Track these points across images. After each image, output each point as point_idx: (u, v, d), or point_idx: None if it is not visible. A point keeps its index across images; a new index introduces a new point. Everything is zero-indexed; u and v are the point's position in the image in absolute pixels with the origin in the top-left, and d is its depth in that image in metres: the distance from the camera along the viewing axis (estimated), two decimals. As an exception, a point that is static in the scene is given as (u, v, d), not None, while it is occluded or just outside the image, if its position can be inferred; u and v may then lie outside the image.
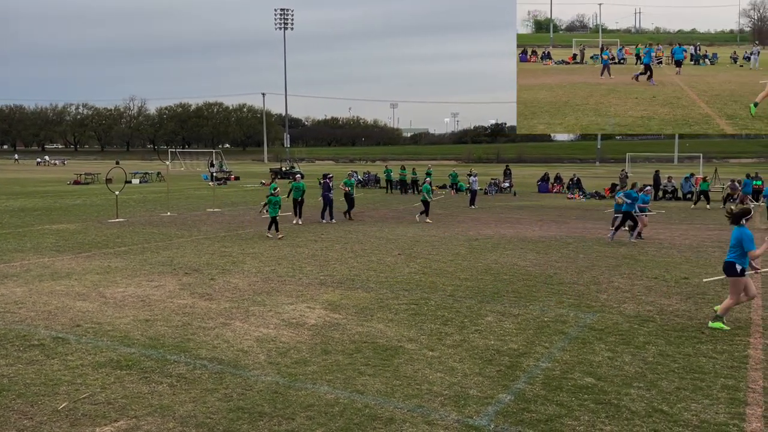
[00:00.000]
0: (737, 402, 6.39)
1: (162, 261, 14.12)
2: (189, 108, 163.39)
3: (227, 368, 7.33)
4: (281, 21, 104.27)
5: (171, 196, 31.54)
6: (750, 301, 9.76)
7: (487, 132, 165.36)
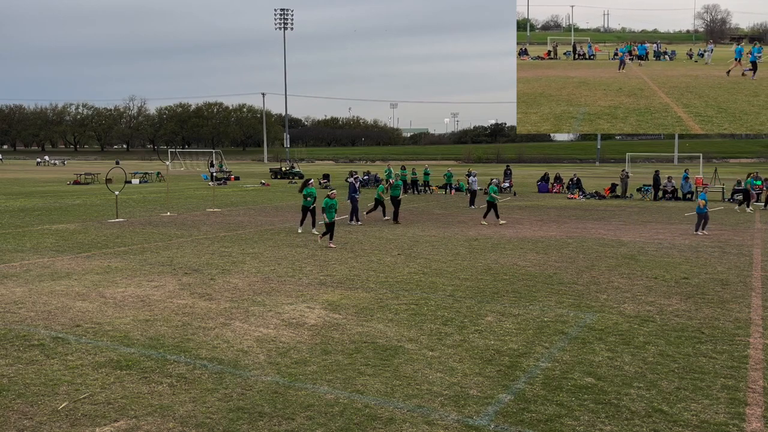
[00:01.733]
0: (737, 402, 6.39)
1: (162, 261, 14.12)
2: (189, 108, 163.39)
3: (227, 368, 7.33)
4: (281, 21, 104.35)
5: (171, 196, 31.54)
6: (750, 301, 9.75)
7: (486, 132, 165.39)
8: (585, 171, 63.28)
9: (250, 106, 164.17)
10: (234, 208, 27.67)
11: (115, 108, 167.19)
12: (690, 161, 79.72)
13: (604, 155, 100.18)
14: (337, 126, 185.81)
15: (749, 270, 13.18)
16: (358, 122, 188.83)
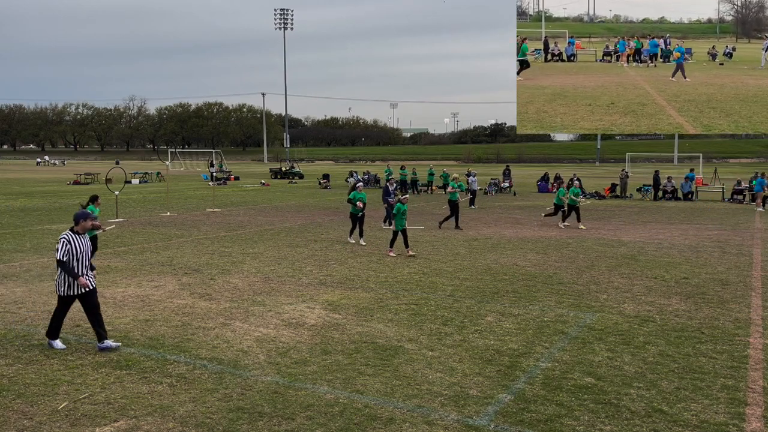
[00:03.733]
0: (737, 402, 6.39)
1: (162, 261, 14.12)
2: (189, 108, 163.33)
3: (227, 368, 7.33)
4: (281, 21, 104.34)
5: (171, 196, 31.54)
6: (750, 301, 9.75)
7: (486, 132, 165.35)
8: (585, 171, 63.26)
9: (250, 106, 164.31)
10: (234, 208, 27.67)
11: (115, 108, 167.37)
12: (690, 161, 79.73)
13: (603, 155, 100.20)
14: (337, 126, 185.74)
15: (749, 270, 13.18)
16: (358, 122, 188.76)
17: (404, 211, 14.78)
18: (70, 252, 7.82)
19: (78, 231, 8.00)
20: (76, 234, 7.96)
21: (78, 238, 7.93)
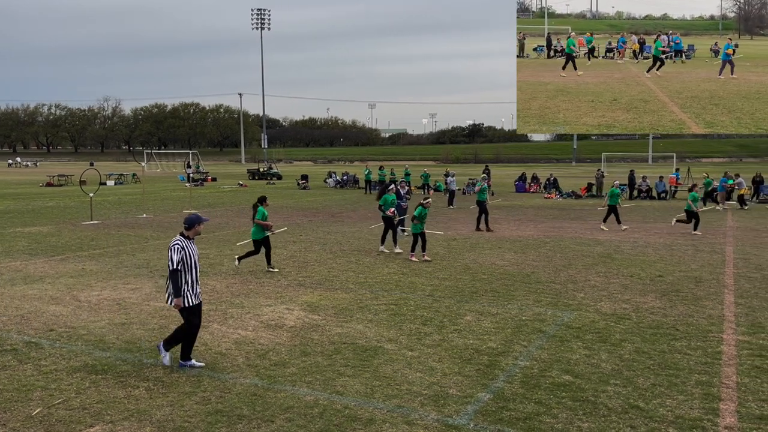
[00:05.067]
0: (711, 397, 6.50)
1: (138, 263, 13.94)
2: (165, 108, 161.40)
3: (205, 371, 7.26)
4: (258, 21, 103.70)
5: (147, 198, 31.16)
6: (723, 298, 9.93)
7: (464, 133, 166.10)
8: (561, 171, 63.91)
9: (227, 106, 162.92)
10: (211, 209, 27.43)
11: (89, 109, 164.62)
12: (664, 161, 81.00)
13: (580, 155, 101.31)
14: (316, 126, 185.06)
15: (722, 267, 13.43)
16: (336, 123, 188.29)
17: (425, 214, 14.34)
18: (184, 260, 7.16)
19: (190, 236, 7.34)
20: (188, 239, 7.31)
21: (191, 245, 7.29)
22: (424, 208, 14.31)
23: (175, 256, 7.10)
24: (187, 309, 7.21)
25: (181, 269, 7.12)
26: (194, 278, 7.23)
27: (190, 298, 7.22)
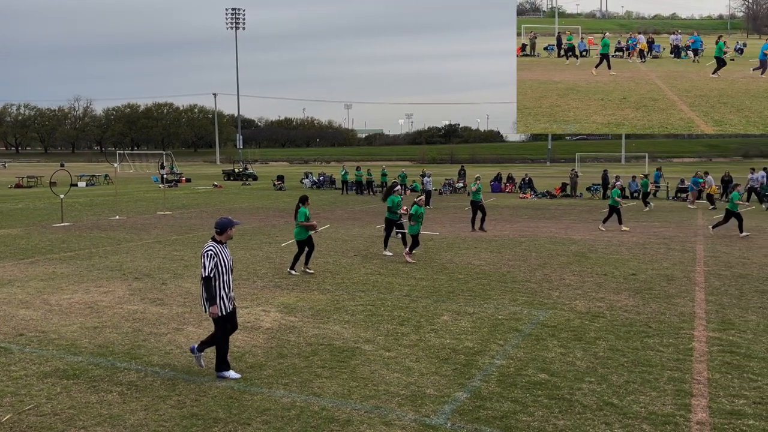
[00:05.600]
0: (683, 393, 6.62)
1: (110, 266, 13.73)
2: (138, 109, 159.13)
3: (180, 374, 7.17)
4: (232, 20, 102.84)
5: (119, 199, 30.71)
6: (694, 295, 10.11)
7: (441, 133, 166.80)
8: (536, 171, 64.52)
9: (201, 106, 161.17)
10: (186, 210, 27.13)
11: (59, 109, 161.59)
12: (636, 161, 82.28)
13: (554, 155, 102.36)
14: (291, 127, 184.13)
15: (693, 265, 13.68)
16: (312, 123, 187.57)
17: (421, 214, 14.20)
18: (218, 266, 6.90)
19: (222, 240, 7.09)
20: (221, 244, 7.06)
21: (224, 250, 7.04)
22: (419, 207, 14.19)
23: (209, 263, 6.83)
24: (221, 317, 6.96)
25: (215, 276, 6.87)
26: (229, 284, 6.99)
27: (226, 305, 6.98)
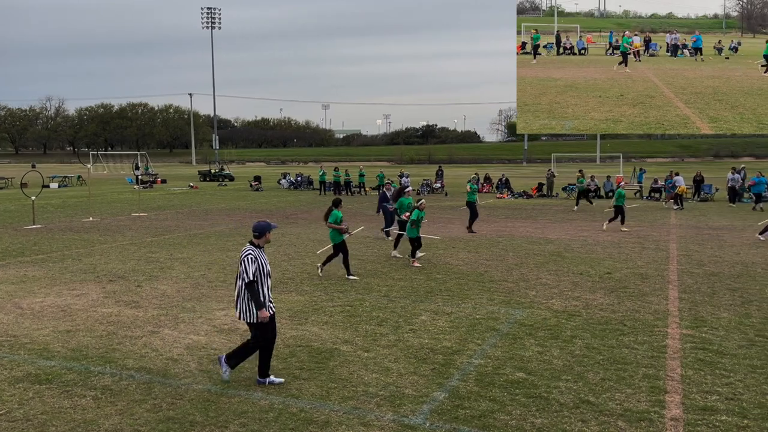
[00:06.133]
0: (657, 390, 6.72)
1: (84, 268, 13.51)
2: (111, 109, 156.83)
3: (156, 378, 7.08)
4: (208, 20, 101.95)
5: (93, 201, 30.25)
6: (668, 293, 10.27)
7: (418, 133, 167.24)
8: (513, 171, 65.03)
9: (177, 106, 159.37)
10: (161, 211, 26.81)
11: (30, 108, 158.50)
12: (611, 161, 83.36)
13: (530, 156, 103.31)
14: (268, 127, 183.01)
15: (666, 264, 13.90)
16: (289, 123, 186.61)
17: (422, 217, 14.03)
18: (258, 270, 6.69)
19: (260, 244, 6.86)
20: (259, 248, 6.82)
21: (262, 254, 6.80)
22: (420, 210, 13.99)
23: (251, 267, 6.63)
24: (263, 323, 6.75)
25: (257, 280, 6.67)
26: (268, 289, 6.80)
27: (267, 309, 6.77)
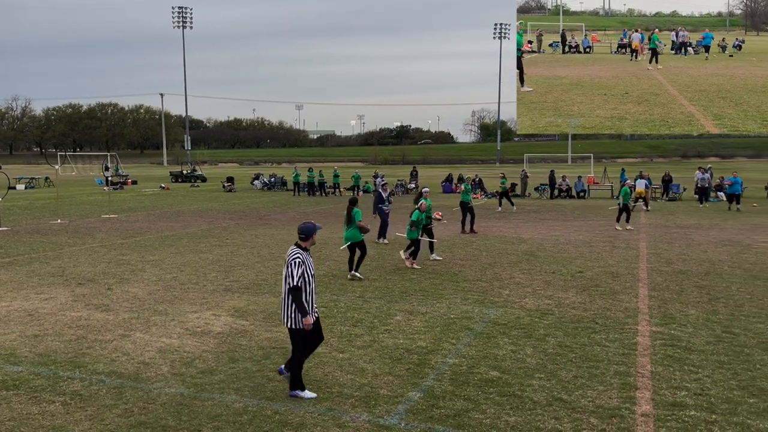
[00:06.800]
0: (628, 386, 6.83)
1: (52, 272, 13.23)
2: (80, 109, 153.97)
3: (127, 382, 6.97)
4: (179, 19, 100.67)
5: (61, 203, 29.67)
6: (638, 292, 10.45)
7: (392, 134, 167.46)
8: (486, 171, 65.52)
9: (147, 107, 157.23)
10: (132, 213, 26.41)
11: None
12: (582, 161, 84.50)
13: (503, 156, 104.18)
14: (241, 127, 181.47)
15: (636, 262, 14.14)
16: (262, 123, 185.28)
17: (422, 219, 13.84)
18: (304, 276, 6.38)
19: (307, 247, 6.56)
20: (306, 251, 6.53)
21: (308, 257, 6.52)
22: (421, 212, 13.80)
23: (297, 271, 6.31)
24: (302, 331, 6.48)
25: (302, 285, 6.38)
26: (313, 293, 6.54)
27: (311, 315, 6.52)
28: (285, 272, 6.45)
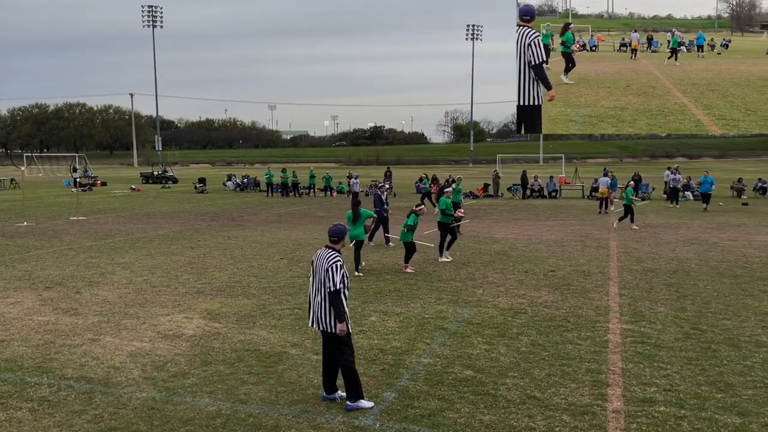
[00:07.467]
0: (600, 384, 6.93)
1: (18, 275, 12.93)
2: (47, 109, 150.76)
3: (97, 387, 6.84)
4: (149, 18, 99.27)
5: (28, 205, 29.01)
6: (609, 290, 10.61)
7: (366, 135, 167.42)
8: (459, 172, 65.95)
9: (117, 107, 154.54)
10: (101, 215, 25.94)
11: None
12: (554, 161, 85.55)
13: (476, 156, 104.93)
14: (213, 128, 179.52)
15: (607, 261, 14.36)
16: (235, 124, 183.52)
17: (417, 223, 13.66)
18: (344, 279, 6.13)
19: (339, 249, 6.34)
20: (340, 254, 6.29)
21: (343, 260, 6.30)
22: (417, 216, 13.64)
23: (338, 275, 6.04)
24: (349, 334, 6.30)
25: (341, 288, 6.12)
26: (346, 298, 6.32)
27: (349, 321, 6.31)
28: (321, 276, 6.15)
